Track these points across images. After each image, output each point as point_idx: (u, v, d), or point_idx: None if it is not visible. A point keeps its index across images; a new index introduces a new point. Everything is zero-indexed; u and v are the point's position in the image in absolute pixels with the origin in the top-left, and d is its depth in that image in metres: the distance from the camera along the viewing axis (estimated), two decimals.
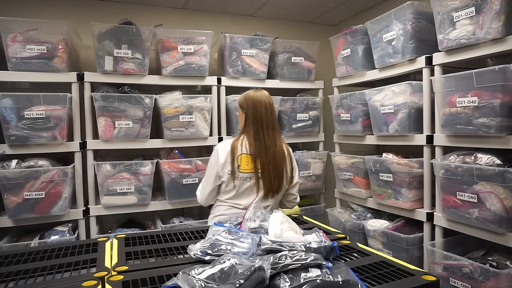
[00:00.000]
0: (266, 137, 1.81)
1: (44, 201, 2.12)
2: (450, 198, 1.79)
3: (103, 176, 2.30)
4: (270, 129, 1.82)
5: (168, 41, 2.45)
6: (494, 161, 1.63)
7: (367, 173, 2.39)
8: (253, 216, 1.47)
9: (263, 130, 1.81)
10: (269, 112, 1.83)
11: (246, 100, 1.86)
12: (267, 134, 1.81)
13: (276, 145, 1.83)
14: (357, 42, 2.47)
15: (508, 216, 1.55)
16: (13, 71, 2.13)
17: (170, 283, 0.93)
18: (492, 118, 1.58)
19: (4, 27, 2.11)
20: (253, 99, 1.84)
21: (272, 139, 1.82)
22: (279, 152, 1.83)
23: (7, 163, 2.10)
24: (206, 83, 2.61)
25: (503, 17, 1.56)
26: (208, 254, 1.14)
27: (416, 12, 2.04)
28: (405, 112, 2.09)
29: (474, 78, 1.64)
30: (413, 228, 2.16)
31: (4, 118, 2.07)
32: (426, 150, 2.02)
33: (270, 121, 1.83)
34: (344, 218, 2.54)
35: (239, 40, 2.65)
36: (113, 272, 1.11)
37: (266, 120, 1.82)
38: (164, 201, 2.51)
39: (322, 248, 1.11)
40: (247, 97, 1.87)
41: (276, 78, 2.83)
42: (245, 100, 1.87)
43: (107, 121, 2.30)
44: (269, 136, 1.81)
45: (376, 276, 1.06)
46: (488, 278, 1.55)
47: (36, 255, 1.26)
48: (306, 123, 2.89)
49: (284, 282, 0.92)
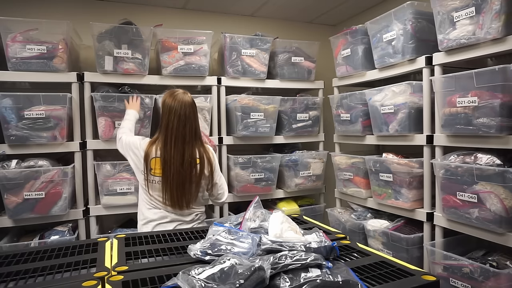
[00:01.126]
0: (173, 151, 1.76)
1: (44, 201, 2.12)
2: (450, 198, 1.79)
3: (103, 176, 2.30)
4: (180, 141, 1.77)
5: (168, 41, 2.45)
6: (494, 161, 1.63)
7: (367, 173, 2.39)
8: (253, 216, 1.47)
9: (171, 142, 1.76)
10: (182, 124, 1.76)
11: (164, 104, 1.80)
12: (174, 147, 1.76)
13: (184, 160, 1.77)
14: (357, 42, 2.47)
15: (508, 216, 1.55)
16: (13, 71, 2.13)
17: (170, 283, 0.93)
18: (492, 118, 1.58)
19: (4, 27, 2.11)
20: (169, 107, 1.77)
21: (179, 152, 1.77)
22: (185, 168, 1.78)
23: (7, 163, 2.10)
24: (206, 83, 2.61)
25: (503, 17, 1.56)
26: (208, 254, 1.14)
27: (416, 12, 2.04)
28: (405, 112, 2.09)
29: (474, 78, 1.64)
30: (413, 228, 2.16)
31: (4, 118, 2.07)
32: (426, 150, 2.02)
33: (180, 133, 1.77)
34: (344, 218, 2.54)
35: (239, 40, 2.65)
36: (113, 272, 1.11)
37: (176, 132, 1.76)
38: None
39: (322, 248, 1.11)
40: (166, 102, 1.80)
41: (276, 78, 2.83)
42: (163, 103, 1.81)
43: (107, 121, 2.30)
44: (177, 149, 1.76)
45: (376, 276, 1.06)
46: (488, 278, 1.55)
47: (36, 255, 1.26)
48: (306, 123, 2.89)
49: (284, 282, 0.92)
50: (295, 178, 2.80)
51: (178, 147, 1.77)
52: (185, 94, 1.83)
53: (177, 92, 1.83)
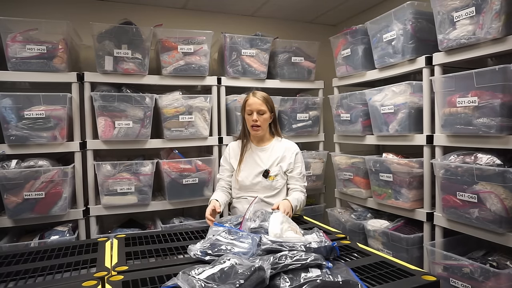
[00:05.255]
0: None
1: (44, 201, 2.12)
2: (450, 198, 1.79)
3: (103, 176, 2.30)
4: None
5: (168, 41, 2.45)
6: (494, 161, 1.63)
7: (367, 173, 2.39)
8: (253, 216, 1.47)
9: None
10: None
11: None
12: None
13: None
14: (357, 42, 2.47)
15: (508, 216, 1.55)
16: (13, 71, 2.12)
17: (170, 283, 0.93)
18: (492, 118, 1.58)
19: (4, 27, 2.10)
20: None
21: None
22: None
23: (7, 163, 2.10)
24: (206, 83, 2.61)
25: (503, 17, 1.56)
26: (208, 254, 1.14)
27: (416, 12, 2.04)
28: (405, 112, 2.09)
29: (474, 78, 1.64)
30: (413, 228, 2.16)
31: (4, 118, 2.06)
32: (426, 150, 2.02)
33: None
34: (344, 218, 2.54)
35: (239, 40, 2.65)
36: (113, 272, 1.11)
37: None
38: (164, 201, 2.51)
39: (322, 248, 1.11)
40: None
41: (276, 78, 2.83)
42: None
43: (106, 121, 2.29)
44: None
45: (376, 276, 1.06)
46: (488, 278, 1.55)
47: (36, 255, 1.26)
48: (306, 123, 2.89)
49: (284, 282, 0.92)
50: None
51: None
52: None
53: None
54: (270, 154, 1.96)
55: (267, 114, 1.93)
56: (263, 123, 1.93)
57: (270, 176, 1.91)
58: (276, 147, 1.99)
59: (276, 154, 1.95)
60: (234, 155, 2.08)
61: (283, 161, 1.94)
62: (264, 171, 1.92)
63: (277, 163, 1.94)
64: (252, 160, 1.98)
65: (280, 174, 1.93)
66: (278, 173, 1.92)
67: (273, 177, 1.92)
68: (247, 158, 2.01)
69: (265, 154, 1.98)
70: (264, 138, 2.02)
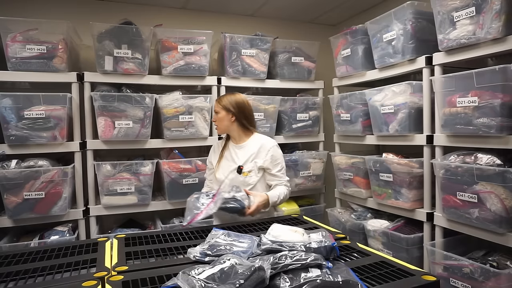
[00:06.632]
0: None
1: (44, 201, 2.12)
2: (450, 198, 1.79)
3: (103, 176, 2.30)
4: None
5: (168, 41, 2.45)
6: (494, 161, 1.63)
7: (367, 173, 2.39)
8: (228, 188, 1.72)
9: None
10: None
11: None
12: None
13: None
14: (357, 42, 2.47)
15: (508, 216, 1.55)
16: (13, 71, 2.12)
17: (170, 283, 0.93)
18: (492, 118, 1.58)
19: (4, 27, 2.10)
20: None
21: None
22: None
23: (7, 163, 2.10)
24: (206, 83, 2.61)
25: (503, 17, 1.56)
26: (208, 255, 1.14)
27: (416, 12, 2.04)
28: (405, 112, 2.08)
29: (474, 78, 1.64)
30: (413, 228, 2.16)
31: (4, 118, 2.06)
32: (426, 150, 2.02)
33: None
34: (344, 218, 2.54)
35: (239, 40, 2.65)
36: (113, 272, 1.11)
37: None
38: (164, 201, 2.51)
39: (322, 248, 1.11)
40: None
41: (276, 78, 2.83)
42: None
43: (106, 121, 2.29)
44: None
45: (376, 276, 1.06)
46: (488, 278, 1.55)
47: (36, 255, 1.26)
48: (306, 123, 2.89)
49: (284, 282, 0.92)
50: (295, 178, 2.80)
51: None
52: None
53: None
54: (246, 151, 2.00)
55: (221, 114, 1.98)
56: (218, 122, 2.01)
57: (243, 172, 1.95)
58: (251, 144, 2.02)
59: (251, 151, 1.98)
60: (214, 154, 2.13)
61: (258, 157, 1.97)
62: (237, 167, 1.96)
63: (252, 159, 1.97)
64: (230, 158, 2.03)
65: (254, 171, 1.96)
66: (252, 169, 1.95)
67: (246, 173, 1.96)
68: (226, 156, 2.05)
69: (242, 151, 2.02)
70: (240, 136, 2.04)
